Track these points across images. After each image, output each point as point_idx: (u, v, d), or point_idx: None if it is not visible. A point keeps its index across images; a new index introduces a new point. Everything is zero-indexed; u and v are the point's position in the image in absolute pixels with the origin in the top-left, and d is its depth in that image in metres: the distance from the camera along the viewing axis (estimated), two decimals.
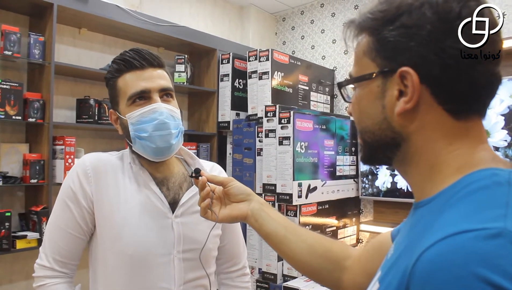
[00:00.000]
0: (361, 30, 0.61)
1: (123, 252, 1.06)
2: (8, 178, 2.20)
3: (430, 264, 0.43)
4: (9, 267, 2.36)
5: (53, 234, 1.10)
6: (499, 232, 0.42)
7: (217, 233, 1.20)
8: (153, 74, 1.09)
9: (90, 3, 2.43)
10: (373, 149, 0.63)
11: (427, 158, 0.57)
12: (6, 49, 2.13)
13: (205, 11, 3.54)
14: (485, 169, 0.52)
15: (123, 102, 1.09)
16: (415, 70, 0.54)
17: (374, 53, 0.59)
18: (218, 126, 3.14)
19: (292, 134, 2.54)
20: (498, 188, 0.49)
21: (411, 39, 0.54)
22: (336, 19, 3.58)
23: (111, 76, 1.11)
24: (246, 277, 1.31)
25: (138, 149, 1.10)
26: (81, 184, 1.08)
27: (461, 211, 0.47)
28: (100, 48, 2.82)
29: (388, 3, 0.58)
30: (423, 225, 0.52)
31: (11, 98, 2.15)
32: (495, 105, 2.45)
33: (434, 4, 0.54)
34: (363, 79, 0.61)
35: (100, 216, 1.08)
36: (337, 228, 2.95)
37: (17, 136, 2.40)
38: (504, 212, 0.44)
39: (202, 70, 3.28)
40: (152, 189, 1.11)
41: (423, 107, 0.56)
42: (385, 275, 0.56)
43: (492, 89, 0.56)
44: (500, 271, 0.39)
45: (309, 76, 3.16)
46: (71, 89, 2.66)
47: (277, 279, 2.58)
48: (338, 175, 2.94)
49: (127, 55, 1.09)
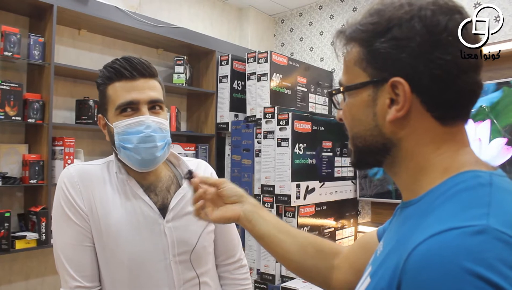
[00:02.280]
0: (351, 41, 0.64)
1: (120, 263, 1.06)
2: (7, 179, 2.20)
3: (421, 259, 0.46)
4: (8, 268, 2.37)
5: (69, 253, 1.06)
6: (483, 229, 0.45)
7: (211, 229, 1.21)
8: (143, 85, 1.08)
9: (89, 5, 2.44)
10: (364, 154, 0.66)
11: (416, 161, 0.61)
12: (6, 50, 2.14)
13: (204, 12, 3.56)
14: (469, 171, 0.56)
15: (111, 110, 1.08)
16: (406, 80, 0.57)
17: (365, 63, 0.62)
18: (216, 127, 3.15)
19: (291, 135, 2.55)
20: (480, 189, 0.52)
21: (401, 50, 0.57)
22: (334, 21, 3.60)
23: (101, 82, 1.10)
24: (244, 268, 1.32)
25: (123, 158, 1.09)
26: (73, 196, 1.07)
27: (448, 210, 0.51)
28: (99, 49, 2.83)
29: (379, 15, 0.60)
30: (412, 223, 0.56)
31: (10, 99, 2.16)
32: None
33: (423, 17, 0.57)
34: (355, 88, 0.63)
35: (95, 229, 1.07)
36: (335, 229, 2.96)
37: (16, 137, 2.41)
38: (486, 211, 0.48)
39: (201, 71, 3.29)
40: (141, 197, 1.10)
41: (413, 115, 0.59)
42: (376, 271, 0.59)
43: (475, 96, 0.60)
44: (486, 264, 0.43)
45: (308, 78, 3.17)
46: (71, 90, 2.67)
47: (275, 280, 2.59)
48: (336, 176, 2.95)
49: (118, 63, 1.07)
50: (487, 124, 2.51)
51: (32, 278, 2.48)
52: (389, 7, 0.60)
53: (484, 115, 2.52)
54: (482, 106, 2.53)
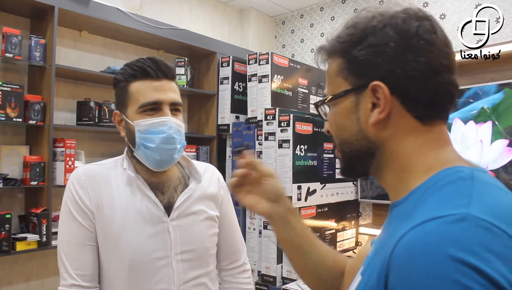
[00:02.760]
0: (332, 54, 0.68)
1: (122, 259, 1.08)
2: (8, 180, 2.20)
3: (406, 248, 0.49)
4: (8, 269, 2.36)
5: (70, 251, 1.09)
6: (464, 216, 0.48)
7: (214, 232, 1.22)
8: (166, 86, 1.11)
9: (90, 6, 2.44)
10: (351, 160, 0.69)
11: (400, 161, 0.63)
12: (7, 52, 2.14)
13: (205, 14, 3.56)
14: (451, 167, 0.58)
15: (133, 108, 1.10)
16: (385, 83, 0.61)
17: (346, 72, 0.65)
18: (217, 129, 3.15)
19: (292, 137, 2.54)
20: (462, 182, 0.55)
21: (378, 56, 0.61)
22: (335, 23, 3.60)
23: (123, 79, 1.12)
24: (247, 272, 1.33)
25: (140, 156, 1.11)
26: (80, 195, 1.09)
27: (431, 203, 0.54)
28: (100, 50, 2.83)
29: (354, 27, 0.65)
30: (399, 221, 0.58)
31: (12, 100, 2.16)
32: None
33: (394, 24, 0.61)
34: (338, 97, 0.67)
35: (99, 226, 1.09)
36: (336, 231, 2.95)
37: (17, 138, 2.41)
38: (467, 201, 0.50)
39: (202, 73, 3.29)
40: (147, 195, 1.12)
41: (394, 116, 0.62)
42: (366, 268, 0.61)
43: (452, 96, 0.63)
44: (468, 250, 0.45)
45: (309, 80, 3.17)
46: (72, 91, 2.66)
47: (276, 282, 2.58)
48: (337, 178, 2.94)
49: (144, 62, 1.10)
50: (488, 126, 2.50)
51: (32, 280, 2.47)
52: (363, 19, 0.64)
53: (485, 117, 2.51)
54: (483, 107, 2.52)
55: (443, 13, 2.92)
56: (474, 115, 2.55)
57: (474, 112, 2.55)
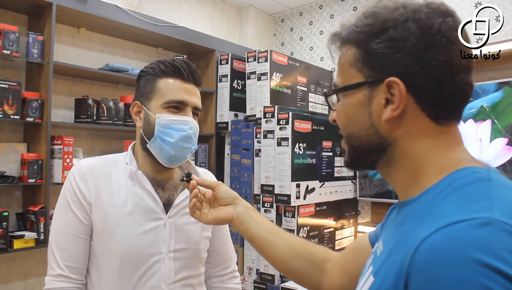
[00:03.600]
0: (347, 42, 0.66)
1: (115, 252, 1.09)
2: (5, 178, 2.19)
3: (430, 251, 0.48)
4: (6, 267, 2.36)
5: (62, 242, 1.10)
6: (488, 221, 0.47)
7: (207, 236, 1.24)
8: (193, 90, 1.17)
9: (89, 3, 2.43)
10: (359, 153, 0.67)
11: (412, 160, 0.62)
12: (5, 48, 2.13)
13: (204, 11, 3.55)
14: (466, 167, 0.57)
15: (158, 102, 1.12)
16: (401, 80, 0.59)
17: (360, 64, 0.63)
18: (216, 126, 3.14)
19: (291, 135, 2.54)
20: (481, 183, 0.54)
21: (397, 51, 0.59)
22: (335, 21, 3.59)
23: (154, 73, 1.15)
24: (237, 279, 1.36)
25: (154, 148, 1.13)
26: (79, 187, 1.11)
27: (452, 204, 0.52)
28: (99, 48, 2.82)
29: (374, 17, 0.62)
30: (413, 221, 0.56)
31: (9, 98, 2.14)
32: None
33: (417, 19, 0.59)
34: (351, 88, 0.65)
35: (96, 218, 1.10)
36: (335, 229, 2.95)
37: (15, 136, 2.40)
38: (489, 204, 0.49)
39: (200, 70, 3.26)
40: (147, 190, 1.14)
41: (408, 114, 0.60)
42: (380, 269, 0.60)
43: (467, 97, 0.62)
44: (494, 254, 0.44)
45: (308, 77, 3.16)
46: (70, 88, 2.65)
47: (275, 280, 2.58)
48: (336, 176, 2.94)
49: (180, 64, 1.15)
50: (488, 124, 2.50)
51: (30, 278, 2.46)
52: (384, 9, 0.61)
53: (485, 115, 2.51)
54: (483, 106, 2.52)
55: None
56: (474, 113, 2.55)
57: (474, 110, 2.55)
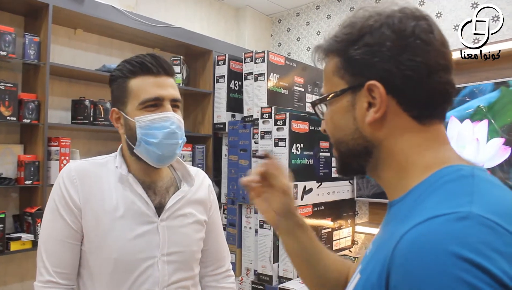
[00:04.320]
0: (329, 53, 0.68)
1: (108, 257, 1.06)
2: (2, 179, 2.18)
3: (409, 245, 0.49)
4: (3, 269, 2.35)
5: (50, 247, 1.07)
6: (466, 215, 0.48)
7: (201, 237, 1.23)
8: (166, 82, 1.10)
9: (85, 4, 2.42)
10: (347, 159, 0.69)
11: (398, 160, 0.63)
12: (1, 50, 2.12)
13: (201, 12, 3.54)
14: (451, 165, 0.59)
15: (133, 104, 1.08)
16: (381, 83, 0.61)
17: (342, 71, 0.65)
18: (213, 127, 3.14)
19: (288, 135, 2.54)
20: (464, 180, 0.55)
21: (374, 55, 0.61)
22: (331, 21, 3.59)
23: (122, 75, 1.10)
24: (231, 278, 1.34)
25: (141, 152, 1.10)
26: (69, 191, 1.08)
27: (433, 200, 0.54)
28: (95, 49, 2.81)
29: (351, 27, 0.64)
30: (399, 218, 0.58)
31: (5, 99, 2.14)
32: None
33: (391, 24, 0.61)
34: (335, 96, 0.67)
35: (87, 223, 1.08)
36: (333, 230, 2.95)
37: (11, 137, 2.39)
38: (470, 199, 0.50)
39: (197, 71, 3.28)
40: (139, 194, 1.11)
41: (390, 115, 0.62)
42: (365, 267, 0.61)
43: (449, 96, 0.63)
44: (471, 247, 0.45)
45: (305, 78, 3.16)
46: (66, 90, 2.65)
47: (273, 281, 2.57)
48: (333, 176, 2.94)
49: (145, 59, 1.09)
50: (484, 124, 2.51)
51: (27, 280, 2.45)
52: (360, 18, 0.64)
53: (481, 115, 2.52)
54: (480, 106, 2.53)
55: (439, 12, 2.93)
56: (470, 113, 2.56)
57: (470, 110, 2.56)
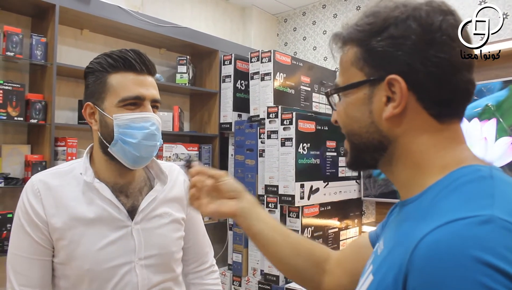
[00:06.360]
0: (348, 42, 0.66)
1: (81, 267, 1.02)
2: (9, 180, 2.19)
3: (429, 249, 0.47)
4: None
5: (18, 266, 1.02)
6: (489, 218, 0.46)
7: (180, 235, 1.19)
8: (148, 82, 1.06)
9: (92, 4, 2.43)
10: (360, 152, 0.67)
11: (414, 158, 0.61)
12: (8, 50, 2.13)
13: (207, 12, 3.54)
14: (469, 166, 0.57)
15: (111, 101, 1.03)
16: (402, 78, 0.59)
17: (362, 62, 0.63)
18: (220, 127, 3.14)
19: (294, 135, 2.53)
20: (483, 181, 0.53)
21: (398, 48, 0.59)
22: (338, 20, 3.58)
23: (102, 69, 1.05)
24: (215, 273, 1.31)
25: (116, 152, 1.05)
26: (32, 206, 1.02)
27: (453, 202, 0.52)
28: (102, 49, 2.81)
29: (375, 16, 0.62)
30: (414, 218, 0.56)
31: (13, 99, 2.15)
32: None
33: (418, 17, 0.59)
34: (352, 87, 0.65)
35: (55, 236, 1.02)
36: (339, 230, 2.94)
37: (19, 137, 2.40)
38: (491, 201, 0.49)
39: (204, 71, 3.27)
40: (108, 199, 1.06)
41: (409, 112, 0.60)
42: (379, 268, 0.59)
43: (470, 95, 0.62)
44: (494, 252, 0.44)
45: (311, 77, 3.15)
46: (73, 90, 2.65)
47: (279, 281, 2.57)
48: (340, 176, 2.93)
49: (129, 54, 1.04)
50: (493, 123, 2.48)
51: None
52: (385, 8, 0.62)
53: (490, 114, 2.49)
54: (488, 104, 2.50)
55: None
56: (478, 112, 2.53)
57: (478, 109, 2.53)
